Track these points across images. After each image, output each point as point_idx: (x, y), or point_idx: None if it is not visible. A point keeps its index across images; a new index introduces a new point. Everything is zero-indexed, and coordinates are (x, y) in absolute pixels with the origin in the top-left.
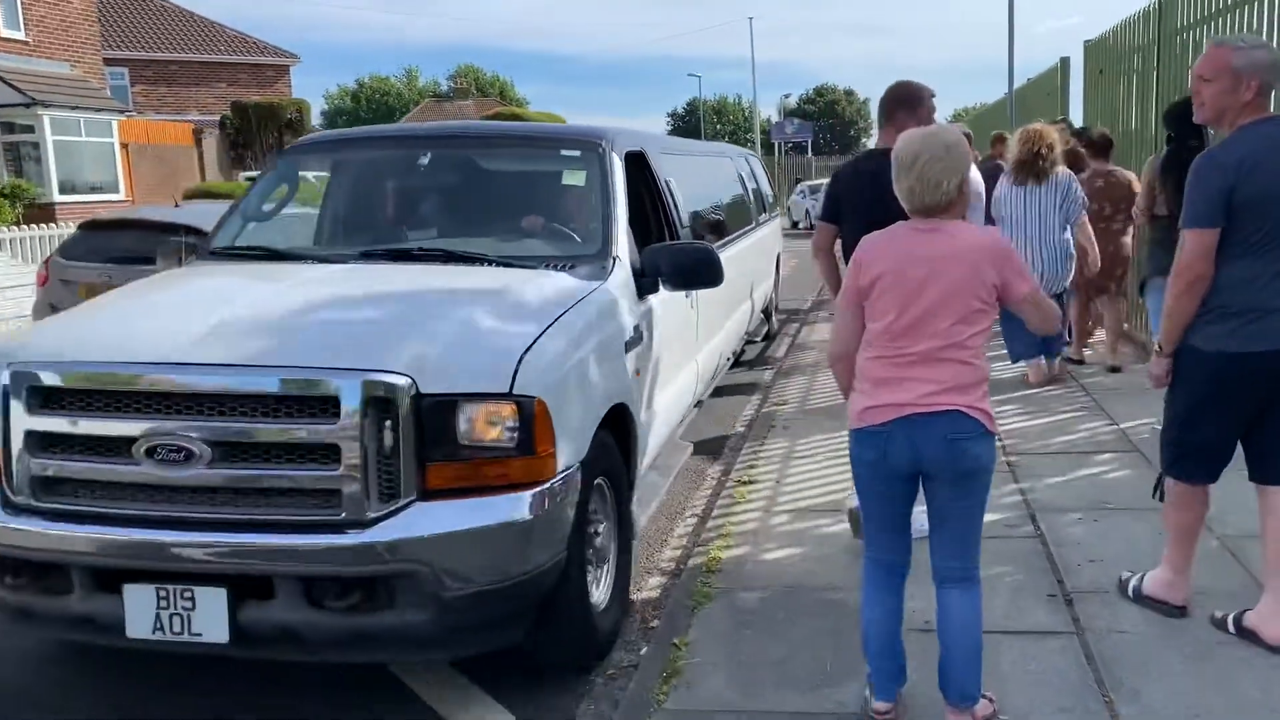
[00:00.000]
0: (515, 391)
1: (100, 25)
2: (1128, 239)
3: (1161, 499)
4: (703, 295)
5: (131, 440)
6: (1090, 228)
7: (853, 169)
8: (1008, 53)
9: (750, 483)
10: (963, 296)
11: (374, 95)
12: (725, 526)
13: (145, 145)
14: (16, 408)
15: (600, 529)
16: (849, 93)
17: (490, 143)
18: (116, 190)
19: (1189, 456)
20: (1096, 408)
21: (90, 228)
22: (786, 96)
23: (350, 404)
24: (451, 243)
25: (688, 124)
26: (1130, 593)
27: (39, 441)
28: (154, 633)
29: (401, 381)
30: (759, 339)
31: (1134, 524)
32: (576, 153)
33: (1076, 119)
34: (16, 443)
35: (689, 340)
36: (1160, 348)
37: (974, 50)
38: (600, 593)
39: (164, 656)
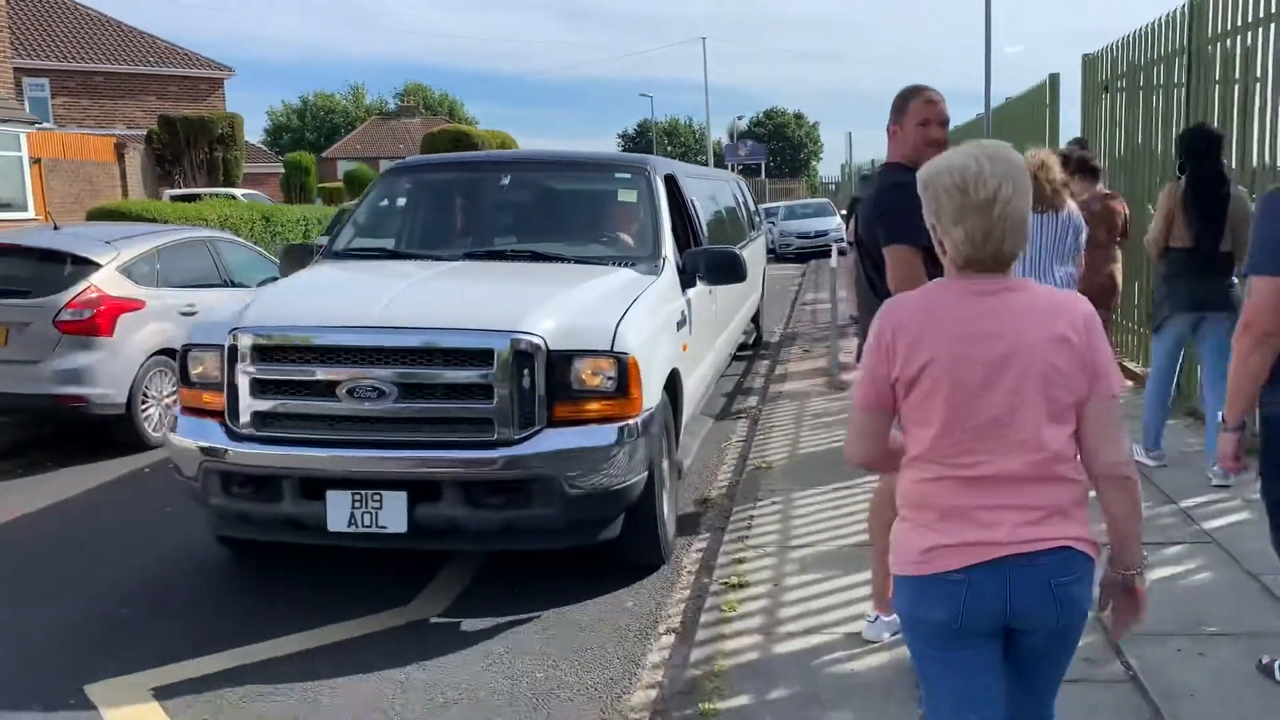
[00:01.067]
0: (615, 349)
1: (14, 33)
2: (1118, 266)
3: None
4: (720, 293)
5: (336, 383)
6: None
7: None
8: (984, 70)
9: (741, 586)
10: (1053, 386)
11: (319, 112)
12: (716, 659)
13: (60, 160)
14: (241, 362)
15: (665, 463)
16: (798, 116)
17: (557, 167)
18: (25, 208)
19: None
20: (1142, 478)
21: None
22: (740, 118)
23: (502, 357)
24: (533, 246)
25: (638, 145)
26: None
27: (259, 386)
28: (349, 526)
29: (538, 341)
30: (751, 342)
31: (1248, 659)
32: (628, 175)
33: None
34: (242, 387)
35: (711, 328)
36: (1224, 421)
37: (924, 78)
38: (667, 510)
39: None
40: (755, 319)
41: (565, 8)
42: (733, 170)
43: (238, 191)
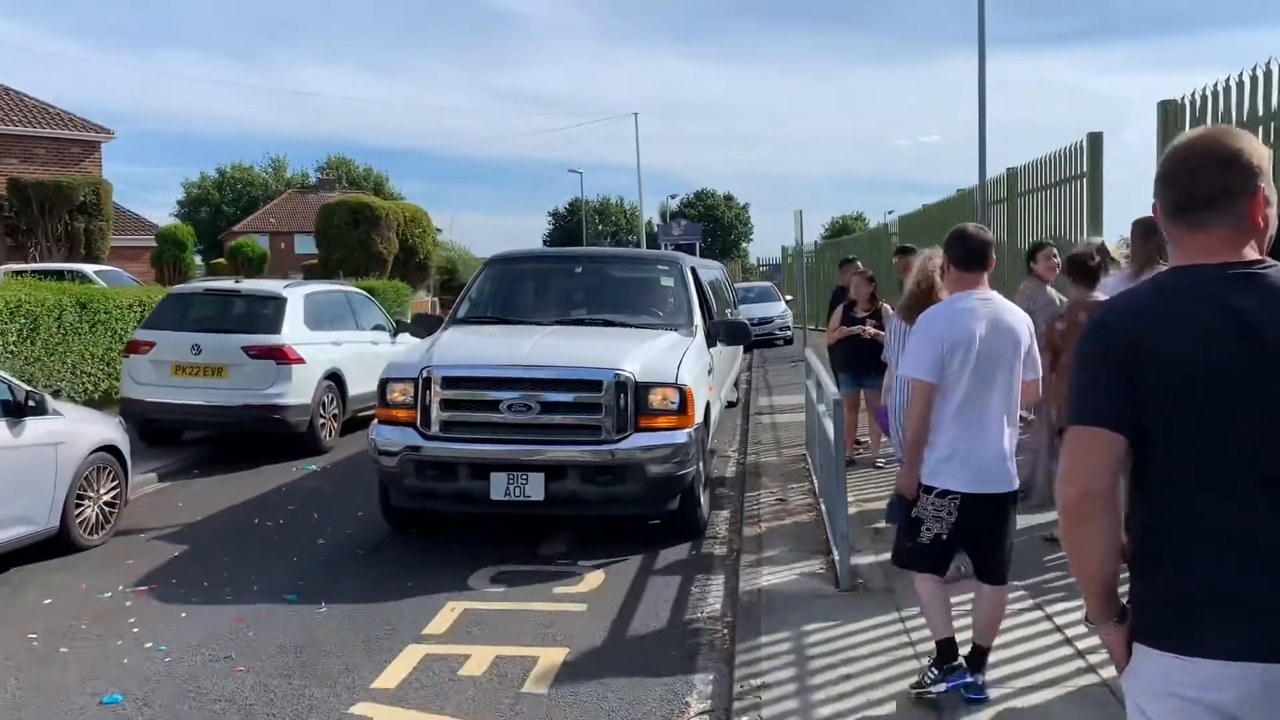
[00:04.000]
0: (678, 382)
1: None
2: None
3: None
4: (725, 352)
5: (498, 402)
6: None
7: (1188, 300)
8: (978, 136)
9: None
10: None
11: (236, 184)
12: None
13: None
14: (432, 388)
15: (702, 464)
16: (728, 197)
17: (616, 260)
18: None
19: None
20: None
21: None
22: (673, 197)
23: (608, 386)
24: (605, 315)
25: (569, 224)
26: None
27: (445, 404)
28: (505, 496)
29: (630, 375)
30: (735, 402)
31: None
32: (667, 267)
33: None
34: (434, 404)
35: (722, 378)
36: None
37: (849, 163)
38: (702, 497)
39: None
40: (735, 382)
41: (497, 88)
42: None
43: (90, 268)
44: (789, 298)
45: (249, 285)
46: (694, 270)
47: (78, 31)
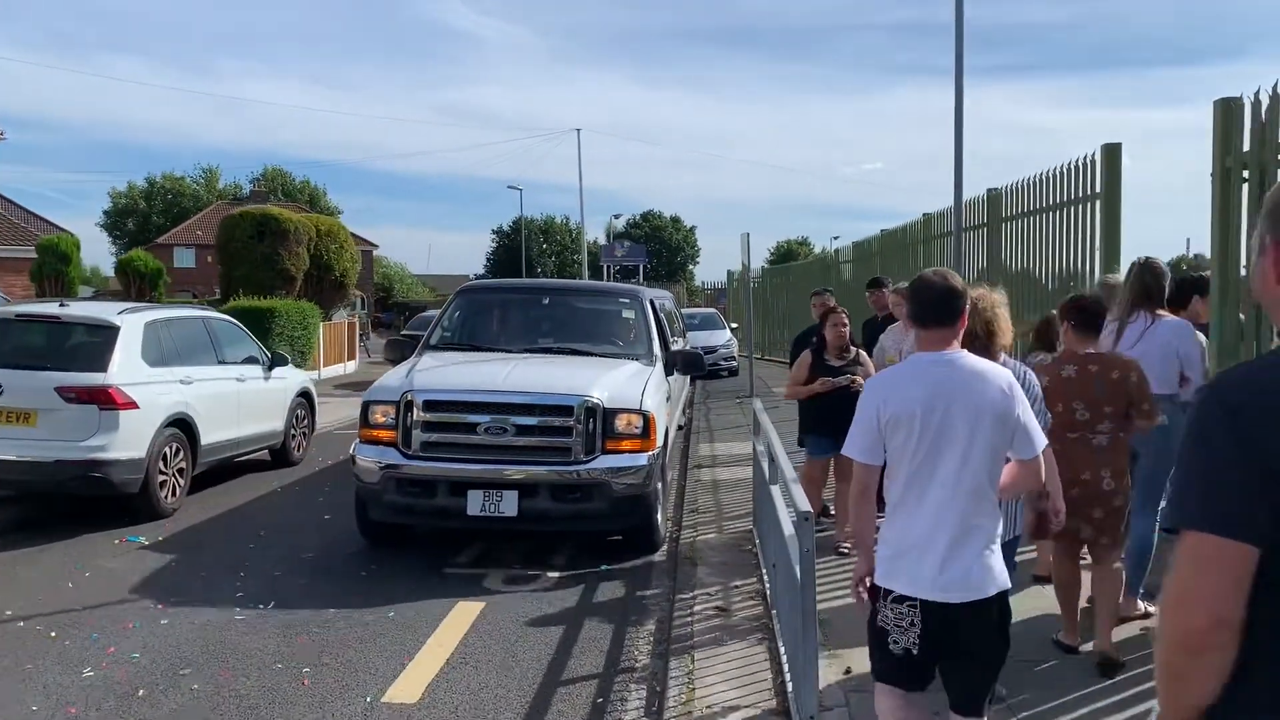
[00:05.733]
0: (641, 408)
1: None
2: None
3: None
4: (679, 379)
5: (475, 424)
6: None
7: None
8: (955, 161)
9: None
10: None
11: (167, 195)
12: None
13: None
14: (413, 411)
15: (660, 484)
16: (675, 219)
17: (583, 292)
18: None
19: None
20: None
21: None
22: (617, 217)
23: (578, 411)
24: (571, 345)
25: (514, 242)
26: None
27: (425, 426)
28: (480, 512)
29: (599, 402)
30: (684, 426)
31: None
32: (628, 300)
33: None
34: (415, 426)
35: (677, 404)
36: None
37: (787, 189)
38: (660, 515)
39: None
40: (684, 409)
41: (446, 106)
42: (608, 271)
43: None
44: (734, 325)
45: (74, 310)
46: (652, 303)
47: (15, 38)
